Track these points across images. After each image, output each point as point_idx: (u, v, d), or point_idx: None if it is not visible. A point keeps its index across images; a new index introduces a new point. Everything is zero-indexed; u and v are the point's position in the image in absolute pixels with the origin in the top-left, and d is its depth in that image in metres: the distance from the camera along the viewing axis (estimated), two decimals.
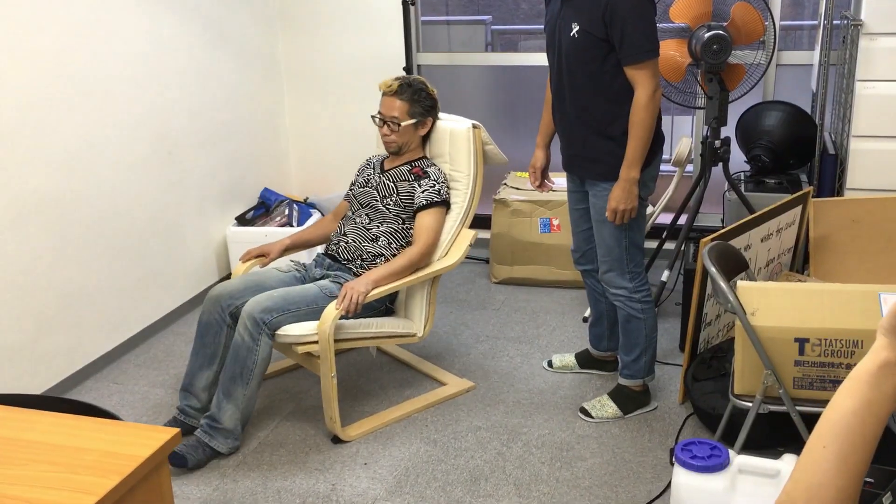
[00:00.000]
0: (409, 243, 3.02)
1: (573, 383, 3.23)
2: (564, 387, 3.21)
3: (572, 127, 2.78)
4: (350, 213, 3.15)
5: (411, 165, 3.07)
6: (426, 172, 3.03)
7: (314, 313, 2.77)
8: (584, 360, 3.30)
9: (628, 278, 2.84)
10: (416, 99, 3.01)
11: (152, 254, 3.71)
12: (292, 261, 3.20)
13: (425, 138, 3.14)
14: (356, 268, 3.00)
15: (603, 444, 2.84)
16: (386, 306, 3.08)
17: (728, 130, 3.61)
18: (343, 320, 2.80)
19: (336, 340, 2.77)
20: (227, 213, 4.25)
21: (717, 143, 3.47)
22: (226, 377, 2.74)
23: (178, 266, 3.91)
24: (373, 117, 3.07)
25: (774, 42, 3.69)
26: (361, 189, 3.13)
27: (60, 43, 3.11)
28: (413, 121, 3.02)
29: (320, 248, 3.23)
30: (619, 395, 3.00)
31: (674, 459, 2.10)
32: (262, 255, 3.14)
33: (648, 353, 2.96)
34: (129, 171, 3.52)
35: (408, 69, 4.42)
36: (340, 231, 3.12)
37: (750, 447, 2.41)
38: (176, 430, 1.55)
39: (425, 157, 3.13)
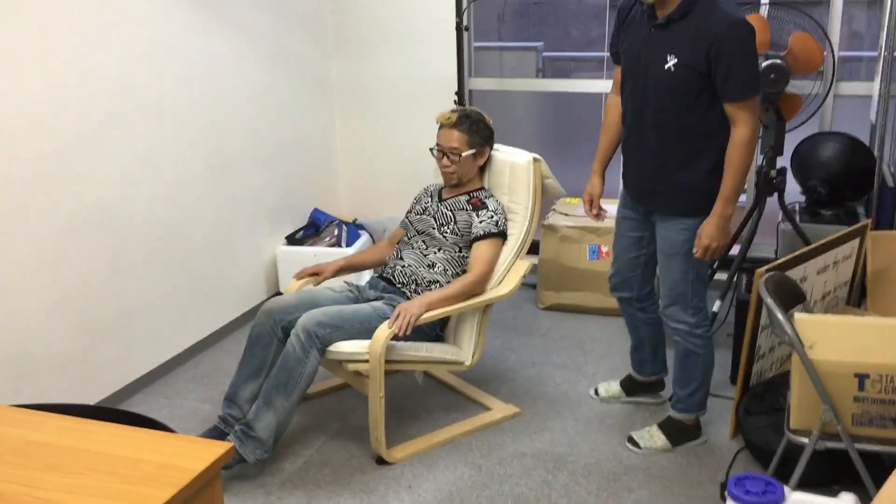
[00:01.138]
0: (464, 271, 3.03)
1: (621, 412, 3.19)
2: (612, 415, 3.16)
3: (651, 160, 2.67)
4: (406, 239, 3.17)
5: (470, 196, 3.09)
6: (484, 203, 3.05)
7: (366, 332, 2.78)
8: (630, 385, 3.26)
9: (691, 313, 2.78)
10: (475, 130, 3.04)
11: (204, 270, 3.76)
12: (346, 282, 3.22)
13: (483, 168, 3.15)
14: (410, 292, 3.00)
15: (651, 475, 2.79)
16: (437, 333, 3.08)
17: (783, 160, 3.56)
18: (394, 342, 2.81)
19: (386, 361, 2.77)
20: (278, 231, 4.30)
21: (773, 172, 3.42)
22: (269, 385, 2.76)
23: (229, 283, 3.96)
24: (431, 150, 3.10)
25: (833, 72, 3.64)
26: (418, 216, 3.15)
27: (122, 62, 3.19)
28: (472, 151, 3.05)
29: (373, 271, 3.25)
30: (669, 427, 2.95)
31: (726, 494, 2.05)
32: (315, 274, 3.17)
33: (704, 389, 2.91)
34: (184, 188, 3.58)
35: (459, 94, 4.45)
36: (397, 255, 3.14)
37: (805, 484, 2.34)
38: (230, 444, 1.56)
39: (483, 188, 3.15)
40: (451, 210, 3.07)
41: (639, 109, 2.65)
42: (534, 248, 4.26)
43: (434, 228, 3.07)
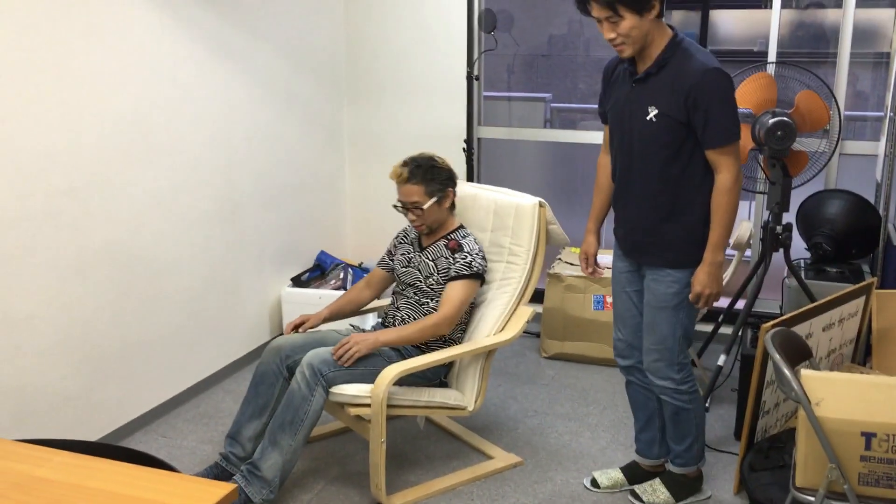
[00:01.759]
0: (463, 313, 3.03)
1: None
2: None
3: (640, 213, 2.68)
4: (399, 290, 3.16)
5: (447, 239, 3.06)
6: (461, 245, 3.01)
7: (370, 375, 2.77)
8: (634, 474, 3.01)
9: (676, 369, 2.74)
10: (430, 178, 2.98)
11: (209, 310, 3.77)
12: (351, 325, 3.22)
13: (453, 206, 3.10)
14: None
15: None
16: (440, 379, 3.07)
17: (789, 216, 3.58)
18: (396, 387, 2.80)
19: (388, 406, 2.75)
20: (284, 273, 4.32)
21: (779, 228, 3.43)
22: (275, 424, 2.74)
23: (233, 323, 3.96)
24: (395, 206, 3.06)
25: (839, 131, 3.68)
26: (404, 269, 3.12)
27: (137, 103, 3.24)
28: (433, 199, 2.99)
29: (376, 316, 3.23)
30: (671, 482, 2.91)
31: None
32: (300, 325, 3.11)
33: (700, 441, 2.88)
34: (192, 227, 3.61)
35: (468, 142, 4.50)
36: (394, 306, 3.13)
37: None
38: (233, 486, 1.55)
39: (461, 228, 3.11)
40: (431, 259, 3.04)
41: (626, 163, 2.68)
42: (538, 297, 4.27)
43: (420, 281, 3.05)
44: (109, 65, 3.08)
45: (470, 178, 4.46)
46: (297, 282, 4.30)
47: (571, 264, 4.22)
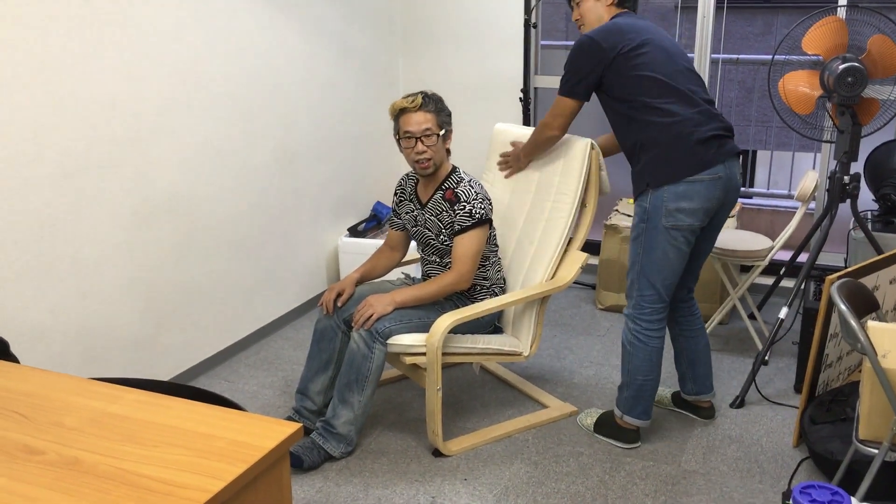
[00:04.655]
0: (485, 258, 3.00)
1: (680, 417, 3.15)
2: (671, 419, 3.13)
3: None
4: (421, 252, 3.10)
5: (443, 190, 2.94)
6: (457, 195, 2.89)
7: (424, 326, 2.80)
8: (677, 399, 3.18)
9: (631, 304, 2.80)
10: (440, 109, 2.90)
11: (268, 258, 3.83)
12: (404, 273, 3.24)
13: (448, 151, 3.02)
14: (459, 292, 2.99)
15: (710, 481, 2.75)
16: (494, 325, 3.08)
17: (857, 166, 3.47)
18: (451, 334, 2.82)
19: (444, 354, 2.78)
20: (340, 223, 4.35)
21: (847, 178, 3.33)
22: (341, 383, 2.80)
23: (291, 272, 4.02)
24: (398, 140, 2.92)
25: None
26: (415, 229, 3.05)
27: (196, 53, 3.26)
28: (443, 131, 2.89)
29: (421, 267, 3.20)
30: (606, 413, 3.02)
31: (790, 502, 2.01)
32: (339, 295, 3.01)
33: (630, 391, 2.85)
34: (251, 176, 3.65)
35: (525, 91, 4.44)
36: (426, 263, 3.09)
37: (872, 497, 2.29)
38: (298, 424, 1.58)
39: (454, 171, 2.98)
40: (434, 216, 2.95)
41: None
42: (594, 248, 4.24)
43: (433, 239, 2.98)
44: (167, 17, 3.10)
45: None
46: (354, 232, 4.34)
47: (628, 216, 4.17)
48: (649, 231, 2.70)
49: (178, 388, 1.80)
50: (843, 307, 2.22)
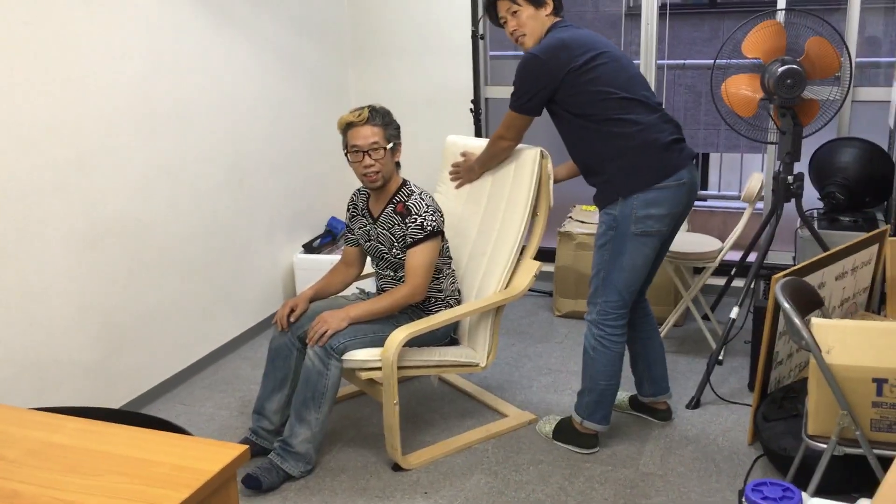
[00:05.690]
0: (438, 270, 3.00)
1: (638, 421, 3.17)
2: (629, 424, 3.15)
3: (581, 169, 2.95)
4: (375, 267, 3.09)
5: (394, 204, 2.94)
6: (408, 208, 2.88)
7: (379, 340, 2.79)
8: (634, 402, 3.21)
9: (595, 310, 2.82)
10: (388, 122, 2.89)
11: (222, 278, 3.79)
12: (358, 288, 3.23)
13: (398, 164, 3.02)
14: (413, 305, 2.99)
15: (669, 482, 2.77)
16: (450, 337, 3.09)
17: (801, 166, 3.54)
18: (406, 348, 2.81)
19: (399, 368, 2.78)
20: (295, 240, 4.33)
21: (790, 178, 3.40)
22: (298, 401, 2.78)
23: (246, 291, 3.98)
24: (347, 154, 2.89)
25: (850, 77, 3.62)
26: (368, 244, 3.04)
27: (143, 71, 3.23)
28: (391, 144, 2.88)
29: (376, 280, 3.19)
30: (565, 420, 3.03)
31: (744, 500, 2.04)
32: (292, 311, 2.97)
33: (591, 396, 2.88)
34: (202, 196, 3.62)
35: (476, 101, 4.46)
36: (380, 277, 3.08)
37: (824, 491, 2.33)
38: (245, 446, 1.56)
39: (405, 184, 2.98)
40: (387, 230, 2.95)
41: None
42: (550, 256, 4.26)
43: (386, 253, 2.97)
44: (112, 35, 3.07)
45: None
46: (309, 248, 4.32)
47: (582, 222, 4.20)
48: (618, 238, 2.72)
49: (124, 415, 1.77)
50: (786, 305, 2.26)
